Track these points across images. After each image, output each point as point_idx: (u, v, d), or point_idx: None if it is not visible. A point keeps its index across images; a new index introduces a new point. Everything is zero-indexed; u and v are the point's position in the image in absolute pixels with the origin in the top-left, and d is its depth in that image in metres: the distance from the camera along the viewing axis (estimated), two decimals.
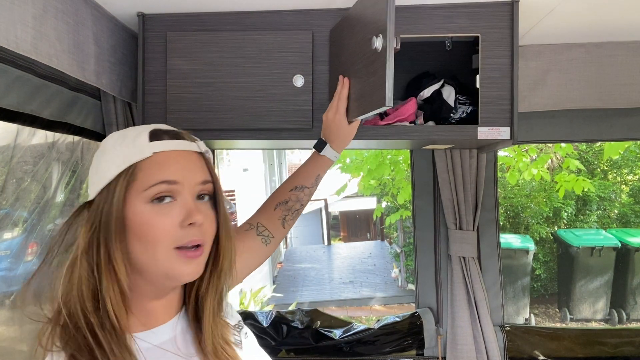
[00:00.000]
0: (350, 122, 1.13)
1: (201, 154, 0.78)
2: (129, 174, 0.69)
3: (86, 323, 0.65)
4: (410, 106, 1.47)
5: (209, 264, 0.77)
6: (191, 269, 0.71)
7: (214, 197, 0.77)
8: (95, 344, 0.64)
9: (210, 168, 0.78)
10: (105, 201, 0.69)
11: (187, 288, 0.80)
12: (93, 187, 0.73)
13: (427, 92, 1.53)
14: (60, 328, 0.67)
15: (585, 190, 4.63)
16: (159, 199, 0.70)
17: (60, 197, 1.56)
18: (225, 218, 0.77)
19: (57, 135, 1.48)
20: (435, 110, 1.54)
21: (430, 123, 1.53)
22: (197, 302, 0.78)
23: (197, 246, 0.72)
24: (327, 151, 1.12)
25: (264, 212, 1.08)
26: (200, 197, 0.74)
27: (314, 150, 1.16)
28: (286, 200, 1.09)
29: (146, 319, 0.74)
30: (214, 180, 0.77)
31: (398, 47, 0.97)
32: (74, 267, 0.69)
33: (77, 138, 1.59)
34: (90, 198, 0.73)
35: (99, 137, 1.64)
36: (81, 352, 0.63)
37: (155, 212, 0.69)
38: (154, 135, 0.74)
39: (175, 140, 0.75)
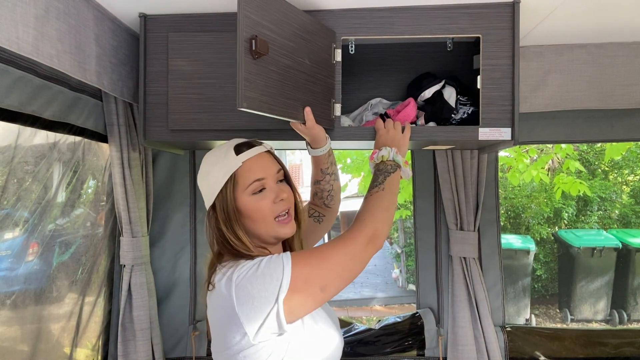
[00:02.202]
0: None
1: (269, 151, 1.10)
2: (232, 181, 1.02)
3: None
4: (411, 108, 1.48)
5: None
6: (288, 229, 1.07)
7: (286, 178, 1.11)
8: None
9: (277, 159, 1.10)
10: (222, 201, 1.02)
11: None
12: (208, 197, 1.06)
13: (428, 93, 1.53)
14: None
15: (582, 192, 4.64)
16: (257, 192, 1.03)
17: (61, 198, 1.57)
18: (295, 189, 1.13)
19: (58, 135, 1.49)
20: (436, 110, 1.54)
21: (432, 124, 1.53)
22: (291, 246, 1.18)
23: (287, 213, 1.07)
24: (311, 151, 1.33)
25: (310, 199, 1.39)
26: (279, 181, 1.08)
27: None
28: (315, 192, 1.37)
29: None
30: (283, 167, 1.10)
31: (260, 49, 1.05)
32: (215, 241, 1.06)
33: (78, 138, 1.59)
34: (210, 204, 1.06)
35: (101, 137, 1.64)
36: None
37: (256, 200, 1.03)
38: (237, 149, 1.05)
39: (252, 149, 1.06)
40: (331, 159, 1.34)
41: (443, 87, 1.53)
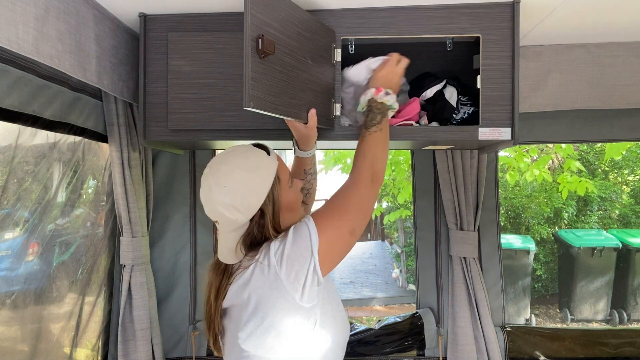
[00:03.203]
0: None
1: None
2: (276, 180, 1.07)
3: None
4: (415, 105, 1.48)
5: None
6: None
7: None
8: None
9: None
10: (272, 202, 1.05)
11: None
12: (252, 203, 1.03)
13: (429, 93, 1.53)
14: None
15: (589, 191, 4.63)
16: (291, 184, 1.12)
17: (61, 198, 1.57)
18: None
19: (59, 135, 1.49)
20: (437, 110, 1.54)
21: (434, 124, 1.53)
22: None
23: None
24: (297, 152, 1.35)
25: None
26: None
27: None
28: None
29: None
30: None
31: (267, 48, 1.05)
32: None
33: (78, 138, 1.59)
34: (256, 210, 1.04)
35: (101, 137, 1.64)
36: None
37: (293, 192, 1.12)
38: (266, 150, 1.10)
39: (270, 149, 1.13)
40: (314, 159, 1.37)
41: (444, 87, 1.53)
